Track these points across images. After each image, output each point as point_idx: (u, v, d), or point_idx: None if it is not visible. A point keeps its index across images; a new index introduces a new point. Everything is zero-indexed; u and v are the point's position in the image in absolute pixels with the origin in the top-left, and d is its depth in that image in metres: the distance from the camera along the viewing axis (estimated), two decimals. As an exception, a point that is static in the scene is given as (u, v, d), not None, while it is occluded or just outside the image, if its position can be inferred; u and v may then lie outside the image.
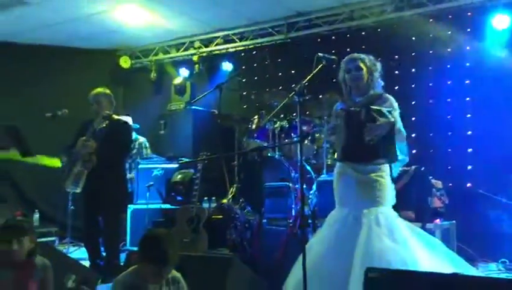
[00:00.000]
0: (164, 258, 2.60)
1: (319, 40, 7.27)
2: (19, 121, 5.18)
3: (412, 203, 4.27)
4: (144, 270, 2.63)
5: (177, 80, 8.18)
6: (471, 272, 3.45)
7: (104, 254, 5.03)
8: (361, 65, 3.58)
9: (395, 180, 3.55)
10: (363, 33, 6.94)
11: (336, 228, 3.46)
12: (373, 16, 6.77)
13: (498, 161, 5.65)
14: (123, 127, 4.98)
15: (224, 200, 5.42)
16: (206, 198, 6.14)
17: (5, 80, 7.40)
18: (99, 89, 5.03)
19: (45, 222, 6.72)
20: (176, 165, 6.86)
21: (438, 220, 4.43)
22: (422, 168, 4.80)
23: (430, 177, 4.77)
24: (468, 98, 6.19)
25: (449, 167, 5.73)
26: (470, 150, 6.02)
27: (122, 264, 4.43)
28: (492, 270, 5.08)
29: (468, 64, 6.22)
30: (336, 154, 3.52)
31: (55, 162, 4.92)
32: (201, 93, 7.62)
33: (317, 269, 3.32)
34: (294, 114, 5.62)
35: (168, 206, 6.49)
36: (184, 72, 8.34)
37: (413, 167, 4.53)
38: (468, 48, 6.22)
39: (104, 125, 4.83)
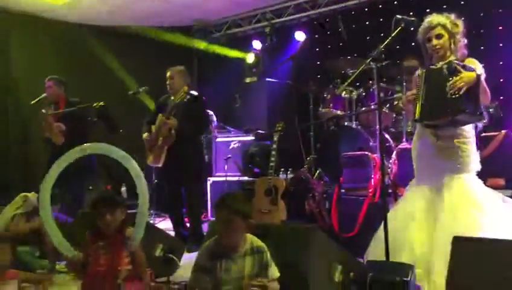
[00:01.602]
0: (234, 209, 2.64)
1: (395, 2, 6.96)
2: (103, 99, 5.43)
3: (502, 170, 4.03)
4: (223, 236, 2.69)
5: (251, 51, 8.18)
6: None
7: (187, 224, 5.24)
8: (442, 32, 3.36)
9: (481, 147, 3.37)
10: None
11: (417, 203, 3.36)
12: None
13: None
14: (199, 102, 5.09)
15: (303, 170, 5.42)
16: (283, 169, 6.19)
17: (87, 60, 7.73)
18: (175, 67, 5.16)
19: (131, 195, 7.09)
20: (253, 138, 6.94)
21: (530, 187, 4.15)
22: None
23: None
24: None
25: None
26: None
27: (205, 233, 4.59)
28: None
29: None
30: (415, 118, 3.34)
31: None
32: (276, 65, 7.73)
33: (400, 238, 3.26)
34: (371, 81, 5.46)
35: (246, 178, 6.60)
36: (257, 44, 8.32)
37: (503, 132, 4.26)
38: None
39: (181, 100, 4.94)
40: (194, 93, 4.94)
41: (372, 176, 4.54)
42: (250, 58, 8.15)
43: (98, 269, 2.80)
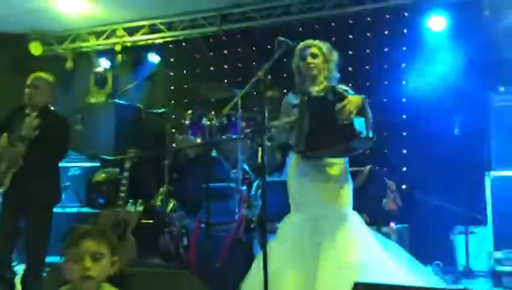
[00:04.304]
0: None
1: (253, 34, 6.94)
2: None
3: (367, 205, 4.03)
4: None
5: (98, 69, 7.44)
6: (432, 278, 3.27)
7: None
8: (318, 53, 3.30)
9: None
10: (300, 29, 6.70)
11: (295, 234, 3.11)
12: (312, 11, 6.55)
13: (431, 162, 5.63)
14: (62, 124, 4.20)
15: (158, 203, 4.88)
16: (131, 201, 5.58)
17: None
18: (43, 75, 4.23)
19: None
20: (97, 164, 6.19)
21: (392, 224, 4.24)
22: (377, 168, 4.59)
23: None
24: (404, 99, 6.15)
25: (404, 169, 5.58)
26: (404, 151, 5.98)
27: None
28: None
29: (404, 64, 6.18)
30: (294, 148, 3.12)
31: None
32: (125, 86, 7.12)
33: (277, 274, 2.95)
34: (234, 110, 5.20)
35: (87, 209, 5.80)
36: (105, 62, 7.61)
37: (367, 167, 4.30)
38: (404, 48, 6.19)
39: (37, 119, 3.97)
40: (59, 114, 4.12)
41: (237, 209, 4.21)
42: (97, 72, 7.40)
43: None
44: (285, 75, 3.57)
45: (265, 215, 2.90)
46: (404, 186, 4.97)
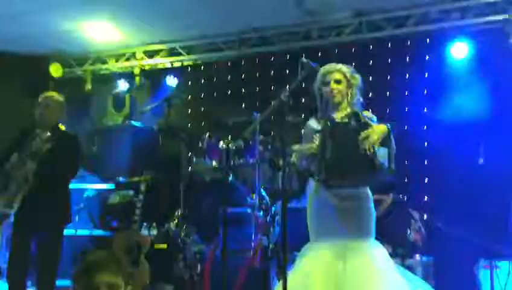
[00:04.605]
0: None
1: (272, 58, 6.91)
2: None
3: (390, 236, 3.87)
4: None
5: (116, 91, 7.45)
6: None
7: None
8: (341, 77, 3.19)
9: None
10: (319, 53, 6.64)
11: (316, 265, 2.96)
12: (331, 36, 6.50)
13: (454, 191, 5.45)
14: (74, 143, 4.16)
15: (172, 227, 4.77)
16: (145, 224, 5.48)
17: None
18: (53, 95, 4.23)
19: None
20: (112, 186, 6.12)
21: (417, 256, 4.05)
22: (401, 196, 4.42)
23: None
24: (425, 127, 6.02)
25: (426, 198, 5.41)
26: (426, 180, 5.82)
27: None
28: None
29: (425, 91, 6.08)
30: (315, 176, 3.01)
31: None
32: (143, 109, 7.09)
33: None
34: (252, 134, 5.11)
35: (100, 232, 5.71)
36: (123, 84, 7.61)
37: (391, 195, 4.14)
38: (426, 75, 6.10)
39: (48, 136, 3.93)
40: (69, 132, 4.07)
41: (253, 236, 4.07)
42: (115, 93, 7.40)
43: None
44: (303, 100, 3.47)
45: (286, 243, 2.75)
46: (425, 216, 4.79)
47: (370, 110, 3.59)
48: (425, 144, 5.95)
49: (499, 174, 4.71)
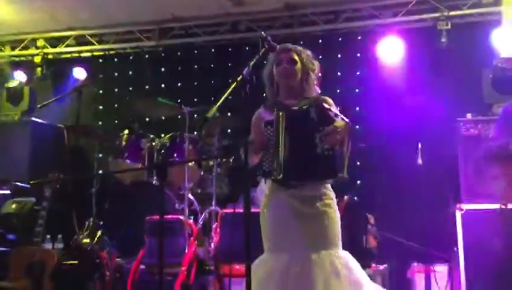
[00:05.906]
0: None
1: (195, 51, 6.37)
2: None
3: (343, 243, 3.47)
4: None
5: (12, 84, 6.47)
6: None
7: None
8: (297, 58, 2.73)
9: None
10: (247, 48, 6.21)
11: (275, 280, 2.46)
12: (259, 29, 6.09)
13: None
14: None
15: (87, 240, 4.03)
16: (49, 236, 4.69)
17: None
18: None
19: None
20: (6, 192, 5.20)
21: (374, 264, 3.69)
22: (356, 198, 4.03)
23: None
24: (357, 126, 5.80)
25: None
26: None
27: None
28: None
29: (357, 90, 5.87)
30: (267, 174, 2.53)
31: None
32: (45, 103, 6.21)
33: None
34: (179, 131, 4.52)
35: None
36: (20, 75, 6.66)
37: (345, 197, 3.75)
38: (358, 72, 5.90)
39: None
40: None
41: (187, 248, 3.49)
42: (11, 87, 6.43)
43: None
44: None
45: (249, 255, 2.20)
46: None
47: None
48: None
49: (440, 174, 4.54)
